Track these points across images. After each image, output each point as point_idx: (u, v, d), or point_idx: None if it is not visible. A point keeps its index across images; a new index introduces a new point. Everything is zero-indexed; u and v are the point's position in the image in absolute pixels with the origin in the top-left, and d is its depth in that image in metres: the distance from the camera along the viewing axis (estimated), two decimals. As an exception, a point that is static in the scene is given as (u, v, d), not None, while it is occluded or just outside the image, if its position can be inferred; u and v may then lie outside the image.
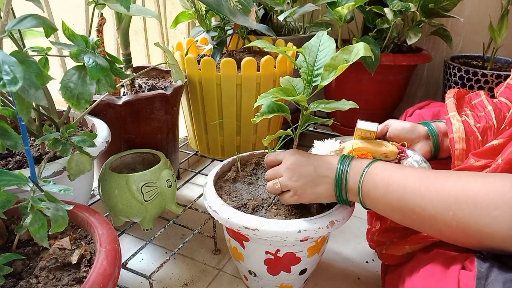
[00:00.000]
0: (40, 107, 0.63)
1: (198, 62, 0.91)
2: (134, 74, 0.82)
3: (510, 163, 0.50)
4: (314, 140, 0.73)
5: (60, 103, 0.63)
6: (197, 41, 1.05)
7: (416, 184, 0.50)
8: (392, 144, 0.71)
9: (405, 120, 0.83)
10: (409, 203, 0.50)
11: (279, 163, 0.63)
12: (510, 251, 0.44)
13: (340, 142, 0.73)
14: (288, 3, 1.16)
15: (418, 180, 0.50)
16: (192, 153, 1.14)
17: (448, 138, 0.67)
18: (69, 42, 0.51)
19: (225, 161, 0.77)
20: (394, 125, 0.73)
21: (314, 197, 0.60)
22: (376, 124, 0.72)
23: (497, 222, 0.42)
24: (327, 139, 0.73)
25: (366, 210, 0.76)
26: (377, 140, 0.72)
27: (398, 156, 0.70)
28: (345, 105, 0.57)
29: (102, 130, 0.70)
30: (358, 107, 0.56)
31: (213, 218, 0.79)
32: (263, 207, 0.66)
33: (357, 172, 0.56)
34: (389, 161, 0.72)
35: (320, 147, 0.71)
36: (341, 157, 0.59)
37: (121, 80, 0.77)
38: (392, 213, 0.53)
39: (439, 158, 0.73)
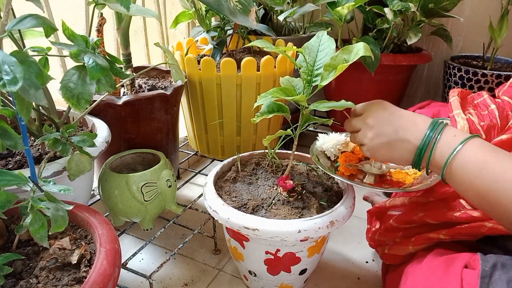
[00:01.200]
0: (40, 107, 0.63)
1: (198, 62, 0.91)
2: (134, 74, 0.82)
3: None
4: (319, 134, 0.74)
5: (60, 103, 0.63)
6: (197, 41, 1.05)
7: None
8: None
9: None
10: (500, 194, 0.45)
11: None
12: None
13: (345, 136, 0.73)
14: (288, 3, 1.16)
15: None
16: (192, 153, 1.14)
17: None
18: (69, 42, 0.51)
19: (225, 161, 0.77)
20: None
21: (387, 159, 0.57)
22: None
23: None
24: (331, 132, 0.73)
25: (366, 210, 0.77)
26: None
27: None
28: (345, 105, 0.57)
29: (102, 130, 0.70)
30: (358, 107, 0.56)
31: (213, 218, 0.79)
32: (263, 207, 0.66)
33: (448, 146, 0.51)
34: None
35: (324, 141, 0.72)
36: (432, 122, 0.53)
37: (121, 80, 0.77)
38: (475, 197, 0.49)
39: None
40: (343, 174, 0.67)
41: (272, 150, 0.75)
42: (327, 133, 0.73)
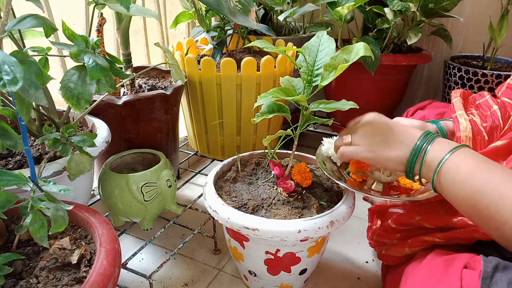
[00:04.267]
0: (40, 107, 0.63)
1: (198, 62, 0.91)
2: (134, 74, 0.82)
3: None
4: (323, 138, 0.74)
5: (60, 103, 0.63)
6: (197, 41, 1.05)
7: (500, 182, 0.46)
8: None
9: None
10: (485, 199, 0.46)
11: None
12: None
13: None
14: (288, 3, 1.16)
15: (503, 179, 0.47)
16: (192, 153, 1.14)
17: (455, 137, 0.67)
18: (69, 42, 0.52)
19: (225, 161, 0.77)
20: (402, 123, 0.73)
21: (384, 159, 0.57)
22: None
23: None
24: (334, 136, 0.73)
25: (367, 208, 0.77)
26: None
27: None
28: (345, 105, 0.57)
29: (102, 130, 0.70)
30: (358, 107, 0.56)
31: (213, 218, 0.79)
32: (263, 207, 0.66)
33: (442, 148, 0.53)
34: None
35: (330, 146, 0.72)
36: (426, 131, 0.56)
37: (121, 80, 0.77)
38: (462, 202, 0.50)
39: None
40: (355, 180, 0.68)
41: (272, 150, 0.75)
42: (331, 137, 0.73)
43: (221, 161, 0.78)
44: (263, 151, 0.81)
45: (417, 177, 0.57)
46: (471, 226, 0.54)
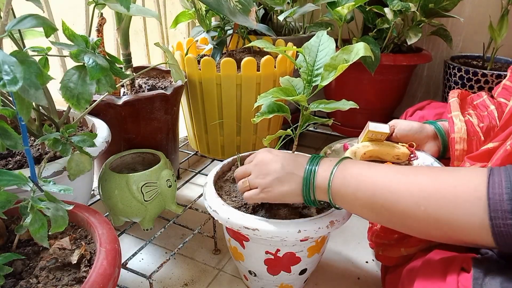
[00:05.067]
0: (40, 107, 0.63)
1: (198, 62, 0.91)
2: (134, 74, 0.82)
3: None
4: (327, 149, 0.74)
5: (60, 103, 0.63)
6: (197, 41, 1.05)
7: (387, 180, 0.49)
8: (401, 145, 0.71)
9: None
10: (379, 200, 0.49)
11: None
12: (483, 246, 0.44)
13: (344, 145, 0.73)
14: (288, 3, 1.16)
15: (388, 176, 0.49)
16: (192, 153, 1.14)
17: (450, 138, 0.67)
18: (69, 42, 0.52)
19: (225, 161, 0.77)
20: (401, 125, 0.72)
21: (280, 195, 0.58)
22: (388, 125, 0.71)
23: (467, 215, 0.42)
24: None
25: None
26: (386, 141, 0.72)
27: (409, 157, 0.71)
28: (345, 105, 0.57)
29: (102, 130, 0.70)
30: (358, 107, 0.56)
31: (213, 218, 0.79)
32: (263, 207, 0.66)
33: (326, 169, 0.55)
34: (399, 164, 0.72)
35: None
36: (311, 156, 0.58)
37: (121, 80, 0.77)
38: (363, 211, 0.52)
39: (445, 158, 0.73)
40: None
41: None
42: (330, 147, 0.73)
43: (221, 161, 0.78)
44: (263, 151, 0.81)
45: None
46: None
